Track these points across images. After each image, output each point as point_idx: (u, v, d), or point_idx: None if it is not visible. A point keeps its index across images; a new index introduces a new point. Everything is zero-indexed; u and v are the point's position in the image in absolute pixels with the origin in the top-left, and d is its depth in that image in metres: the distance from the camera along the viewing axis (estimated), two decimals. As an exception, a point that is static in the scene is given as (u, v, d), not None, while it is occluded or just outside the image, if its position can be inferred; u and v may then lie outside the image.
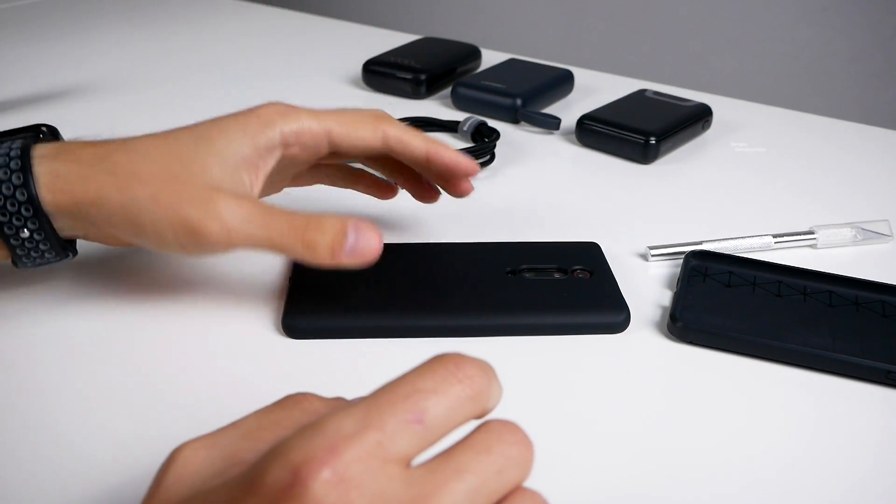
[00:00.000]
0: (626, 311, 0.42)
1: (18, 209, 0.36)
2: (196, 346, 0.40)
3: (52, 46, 0.87)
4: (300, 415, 0.26)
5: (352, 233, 0.37)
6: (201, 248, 0.37)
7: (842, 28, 1.51)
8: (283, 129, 0.40)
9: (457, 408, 0.23)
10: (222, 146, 0.39)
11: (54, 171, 0.37)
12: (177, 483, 0.24)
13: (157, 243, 0.38)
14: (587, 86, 0.76)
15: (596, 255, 0.46)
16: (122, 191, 0.37)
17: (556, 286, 0.43)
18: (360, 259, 0.37)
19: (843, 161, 0.63)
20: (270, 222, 0.37)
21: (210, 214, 0.36)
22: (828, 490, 0.33)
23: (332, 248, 0.37)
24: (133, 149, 0.38)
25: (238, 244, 0.37)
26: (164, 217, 0.37)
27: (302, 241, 0.37)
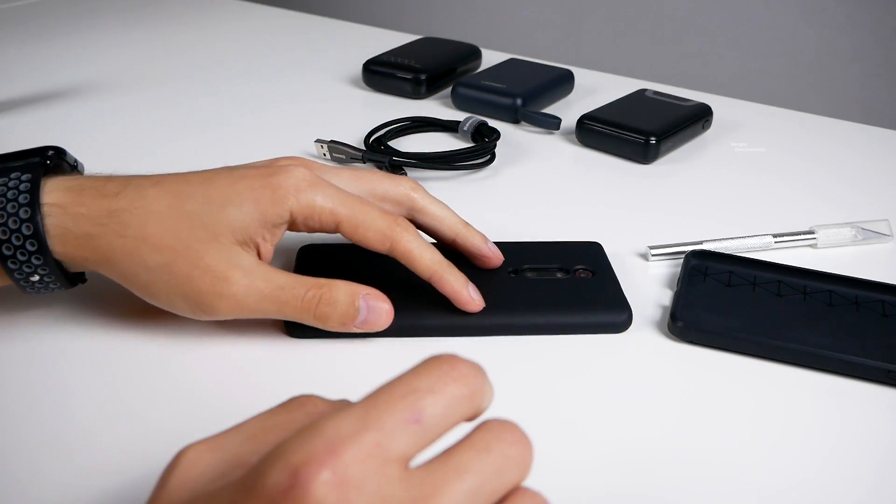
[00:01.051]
0: (629, 311, 0.42)
1: (28, 259, 0.37)
2: (200, 345, 0.40)
3: (52, 46, 0.87)
4: (304, 417, 0.26)
5: (363, 305, 0.38)
6: (211, 316, 0.38)
7: (842, 28, 1.51)
8: (293, 208, 0.38)
9: (453, 407, 0.23)
10: (233, 217, 0.38)
11: (63, 226, 0.37)
12: (180, 486, 0.24)
13: (168, 307, 0.39)
14: (587, 86, 0.76)
15: (598, 254, 0.46)
16: (132, 256, 0.37)
17: (558, 286, 0.43)
18: (369, 329, 0.39)
19: (843, 161, 0.63)
20: (282, 299, 0.38)
21: (223, 293, 0.37)
22: (828, 490, 0.33)
23: (343, 323, 0.38)
24: (142, 206, 0.37)
25: (246, 315, 0.38)
26: (176, 288, 0.37)
27: (314, 316, 0.38)
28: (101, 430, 0.35)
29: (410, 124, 0.66)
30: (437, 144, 0.64)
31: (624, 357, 0.40)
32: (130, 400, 0.37)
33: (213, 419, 0.36)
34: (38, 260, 0.37)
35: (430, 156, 0.59)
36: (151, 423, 0.35)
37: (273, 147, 0.63)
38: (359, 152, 0.59)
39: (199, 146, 0.63)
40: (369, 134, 0.63)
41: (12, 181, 0.36)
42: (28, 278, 0.37)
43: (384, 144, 0.62)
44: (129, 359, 0.39)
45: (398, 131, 0.65)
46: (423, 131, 0.67)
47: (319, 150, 0.60)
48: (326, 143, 0.60)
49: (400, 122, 0.66)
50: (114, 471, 0.33)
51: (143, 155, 0.62)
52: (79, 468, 0.33)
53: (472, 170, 0.59)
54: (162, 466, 0.26)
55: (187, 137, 0.65)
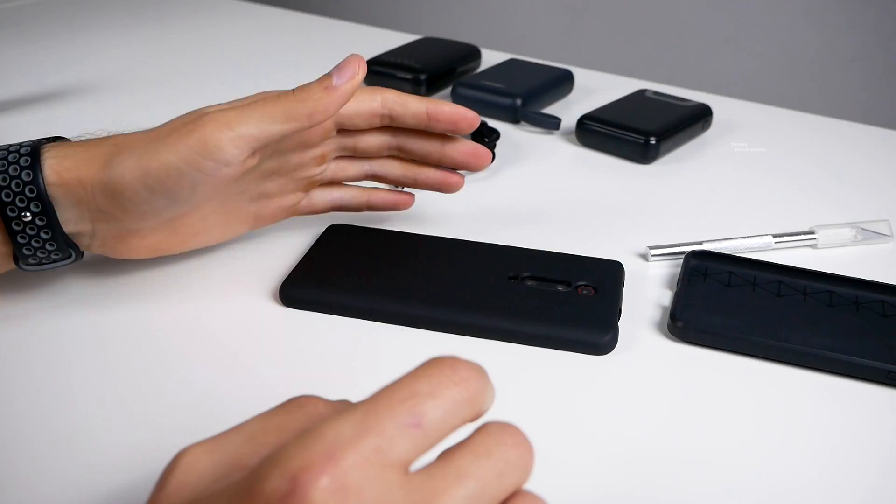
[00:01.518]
0: (613, 332, 0.40)
1: (23, 189, 0.37)
2: (198, 341, 0.40)
3: (52, 46, 0.87)
4: (304, 419, 0.26)
5: (333, 70, 0.40)
6: (209, 155, 0.38)
7: (842, 28, 1.51)
8: None
9: (454, 410, 0.23)
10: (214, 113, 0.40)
11: (62, 153, 0.38)
12: (179, 488, 0.24)
13: (165, 178, 0.38)
14: (587, 86, 0.76)
15: (611, 274, 0.44)
16: (124, 151, 0.38)
17: (551, 298, 0.42)
18: (352, 78, 0.40)
19: (843, 161, 0.63)
20: (261, 102, 0.39)
21: (204, 120, 0.38)
22: (828, 490, 0.33)
23: (325, 87, 0.40)
24: (132, 131, 0.40)
25: (242, 133, 0.38)
26: (162, 146, 0.38)
27: (296, 99, 0.39)
28: (100, 430, 0.35)
29: (410, 124, 0.66)
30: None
31: (624, 357, 0.40)
32: (129, 400, 0.37)
33: (213, 413, 0.36)
34: (31, 192, 0.37)
35: (429, 156, 0.59)
36: (151, 423, 0.35)
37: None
38: (359, 152, 0.59)
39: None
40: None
41: (14, 145, 0.38)
42: (21, 217, 0.37)
43: (384, 144, 0.62)
44: (127, 357, 0.39)
45: (398, 131, 0.65)
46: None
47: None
48: None
49: (400, 123, 0.65)
50: (113, 472, 0.33)
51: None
52: (78, 469, 0.33)
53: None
54: (161, 466, 0.26)
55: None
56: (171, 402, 0.37)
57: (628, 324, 0.43)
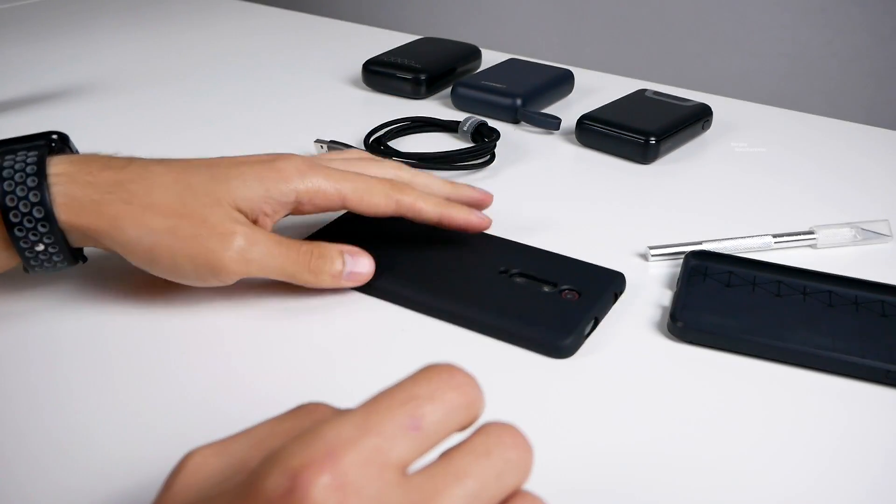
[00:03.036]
0: (574, 337, 0.40)
1: (35, 226, 0.37)
2: (199, 343, 0.40)
3: (52, 46, 0.87)
4: (311, 425, 0.26)
5: (348, 258, 0.42)
6: (218, 279, 0.40)
7: (842, 28, 1.51)
8: (299, 188, 0.41)
9: (452, 414, 0.23)
10: (237, 187, 0.40)
11: (70, 194, 0.38)
12: (185, 489, 0.24)
13: (171, 273, 0.40)
14: (587, 86, 0.76)
15: (605, 283, 0.44)
16: (136, 222, 0.38)
17: (531, 296, 0.43)
18: (356, 282, 0.43)
19: (843, 161, 0.63)
20: (284, 254, 0.41)
21: (230, 248, 0.39)
22: (828, 490, 0.33)
23: (332, 276, 0.42)
24: (148, 178, 0.39)
25: (253, 274, 0.40)
26: (181, 250, 0.39)
27: (309, 269, 0.41)
28: (105, 431, 0.35)
29: (410, 124, 0.66)
30: (436, 144, 0.64)
31: (623, 357, 0.40)
32: (134, 401, 0.37)
33: (216, 418, 0.36)
34: (44, 227, 0.37)
35: (429, 156, 0.59)
36: (156, 425, 0.35)
37: (273, 147, 0.62)
38: (358, 152, 0.59)
39: (198, 146, 0.63)
40: (369, 134, 0.63)
41: (20, 156, 0.38)
42: (33, 247, 0.38)
43: (384, 144, 0.62)
44: (132, 360, 0.39)
45: (398, 131, 0.65)
46: (422, 131, 0.67)
47: (319, 149, 0.60)
48: (326, 143, 0.60)
49: (400, 123, 0.66)
50: (118, 473, 0.33)
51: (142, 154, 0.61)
52: (83, 470, 0.33)
53: (471, 170, 0.59)
54: (167, 468, 0.26)
55: (187, 137, 0.65)
56: (176, 404, 0.37)
57: (628, 324, 0.43)
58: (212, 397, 0.37)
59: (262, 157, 0.42)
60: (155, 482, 0.32)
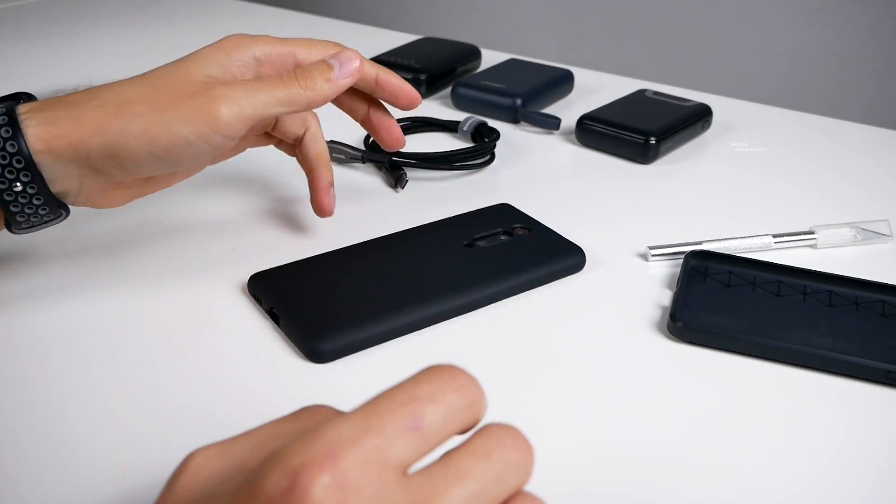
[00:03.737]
0: (580, 251, 0.47)
1: (10, 161, 0.37)
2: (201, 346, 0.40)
3: (52, 46, 0.87)
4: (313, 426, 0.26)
5: (334, 61, 0.43)
6: (221, 131, 0.39)
7: (842, 28, 1.51)
8: (255, 50, 0.43)
9: (453, 415, 0.23)
10: (202, 61, 0.41)
11: (45, 119, 0.37)
12: (187, 489, 0.24)
13: (173, 147, 0.39)
14: (587, 86, 0.76)
15: (517, 212, 0.50)
16: (118, 115, 0.38)
17: (511, 247, 0.47)
18: (351, 76, 0.43)
19: (843, 161, 0.63)
20: (269, 83, 0.41)
21: (215, 96, 0.39)
22: (828, 490, 0.33)
23: (327, 79, 0.42)
24: (114, 85, 0.40)
25: (250, 113, 0.40)
26: (173, 117, 0.38)
27: (299, 84, 0.41)
28: (110, 430, 0.35)
29: (410, 124, 0.66)
30: (436, 144, 0.64)
31: (623, 357, 0.40)
32: (136, 402, 0.37)
33: (215, 421, 0.36)
34: (19, 163, 0.37)
35: (429, 156, 0.59)
36: (156, 427, 0.35)
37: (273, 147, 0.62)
38: (358, 152, 0.59)
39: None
40: (369, 134, 0.63)
41: None
42: (11, 188, 0.37)
43: (384, 144, 0.62)
44: (136, 358, 0.39)
45: (398, 131, 0.65)
46: (422, 131, 0.67)
47: (319, 150, 0.60)
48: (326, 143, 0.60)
49: (400, 122, 0.65)
50: (118, 474, 0.33)
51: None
52: (83, 471, 0.33)
53: (471, 170, 0.59)
54: (168, 471, 0.26)
55: (187, 137, 0.65)
56: (176, 406, 0.37)
57: (628, 324, 0.43)
58: (211, 400, 0.37)
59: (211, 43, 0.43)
60: (155, 484, 0.32)
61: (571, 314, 0.43)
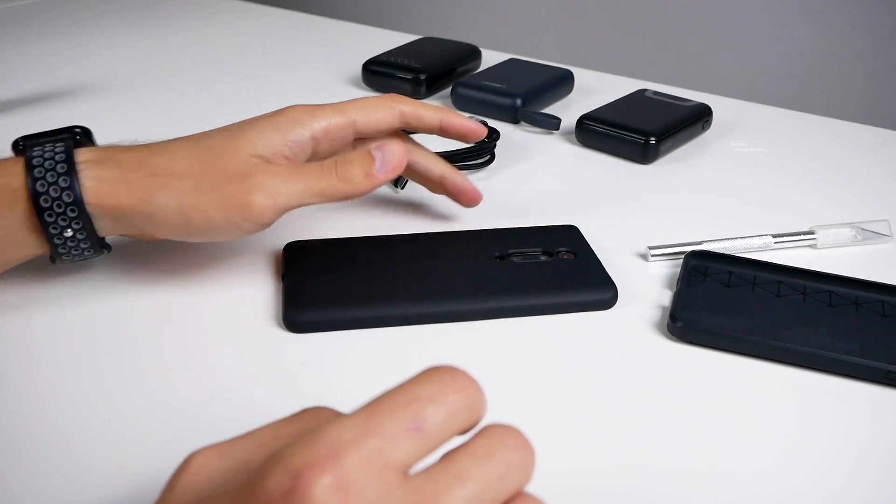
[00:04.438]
0: (614, 288, 0.44)
1: (64, 210, 0.38)
2: (202, 346, 0.40)
3: (52, 46, 0.87)
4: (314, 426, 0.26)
5: (377, 153, 0.42)
6: (251, 222, 0.40)
7: (842, 28, 1.51)
8: (314, 127, 0.43)
9: (454, 416, 0.23)
10: (254, 138, 0.41)
11: (99, 177, 0.39)
12: (188, 489, 0.24)
13: (206, 229, 0.40)
14: (587, 86, 0.76)
15: (576, 237, 0.48)
16: (164, 189, 0.39)
17: (543, 268, 0.45)
18: (393, 171, 0.42)
19: (843, 161, 0.63)
20: (304, 172, 0.41)
21: (252, 186, 0.39)
22: (827, 490, 0.33)
23: (367, 173, 0.41)
24: (169, 150, 0.41)
25: (283, 204, 0.40)
26: (208, 201, 0.39)
27: (338, 177, 0.41)
28: (109, 433, 0.35)
29: (410, 124, 0.66)
30: (437, 144, 0.64)
31: (623, 357, 0.40)
32: (136, 402, 0.37)
33: (212, 423, 0.36)
34: (73, 212, 0.38)
35: (429, 156, 0.59)
36: (159, 425, 0.35)
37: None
38: (359, 152, 0.59)
39: (198, 146, 0.63)
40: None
41: (48, 147, 0.39)
42: (62, 233, 0.39)
43: (384, 144, 0.62)
44: (134, 360, 0.39)
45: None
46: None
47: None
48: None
49: (400, 123, 0.66)
50: (119, 475, 0.33)
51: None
52: (83, 473, 0.33)
53: (471, 170, 0.59)
54: (168, 471, 0.26)
55: (187, 137, 0.65)
56: (176, 409, 0.37)
57: (628, 324, 0.43)
58: (210, 403, 0.37)
59: (271, 112, 0.44)
60: (154, 485, 0.32)
61: (571, 314, 0.43)
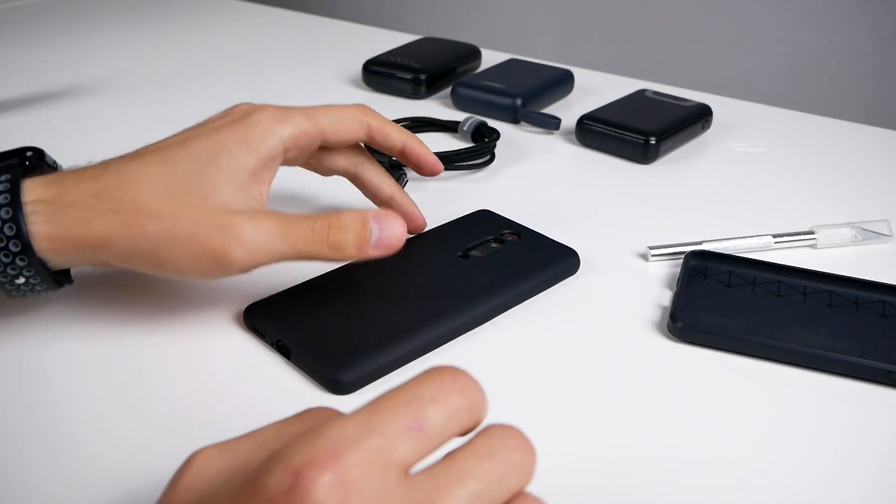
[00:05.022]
0: (573, 252, 0.46)
1: (13, 260, 0.35)
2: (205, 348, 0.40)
3: (52, 46, 0.87)
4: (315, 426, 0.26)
5: (374, 225, 0.38)
6: (225, 273, 0.37)
7: (842, 28, 1.51)
8: (283, 136, 0.40)
9: (454, 417, 0.23)
10: (227, 163, 0.38)
11: (51, 219, 0.35)
12: (190, 488, 0.24)
13: (176, 274, 0.37)
14: (587, 86, 0.76)
15: (500, 218, 0.50)
16: (131, 229, 0.36)
17: (504, 255, 0.46)
18: (386, 250, 0.38)
19: (843, 161, 0.63)
20: (293, 233, 0.37)
21: (232, 240, 0.36)
22: (827, 490, 0.33)
23: (359, 245, 0.38)
24: (132, 180, 0.36)
25: (263, 262, 0.37)
26: (183, 251, 0.36)
27: (328, 244, 0.37)
28: (103, 435, 0.35)
29: (410, 124, 0.66)
30: (436, 144, 0.64)
31: (623, 357, 0.40)
32: (140, 407, 0.37)
33: (215, 419, 0.36)
34: (22, 261, 0.35)
35: (430, 156, 0.59)
36: (162, 430, 0.35)
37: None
38: (359, 152, 0.59)
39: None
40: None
41: None
42: (13, 281, 0.36)
43: (384, 144, 0.62)
44: (136, 366, 0.39)
45: (398, 131, 0.65)
46: (422, 131, 0.67)
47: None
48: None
49: (400, 122, 0.66)
50: (120, 476, 0.33)
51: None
52: (85, 473, 0.33)
53: (471, 170, 0.59)
54: (170, 472, 0.26)
55: (187, 137, 0.65)
56: (175, 411, 0.37)
57: (628, 324, 0.43)
58: (211, 404, 0.37)
59: (232, 118, 0.40)
60: (156, 485, 0.32)
61: (571, 315, 0.43)
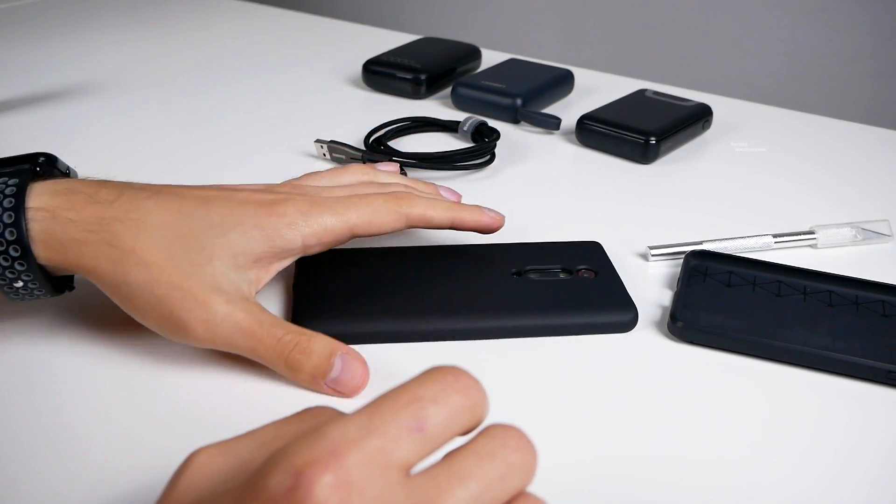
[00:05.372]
0: (634, 311, 0.42)
1: (12, 264, 0.35)
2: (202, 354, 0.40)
3: (52, 46, 0.87)
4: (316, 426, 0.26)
5: (338, 362, 0.36)
6: (184, 341, 0.37)
7: (842, 28, 1.51)
8: (304, 232, 0.38)
9: (455, 417, 0.23)
10: (236, 241, 0.37)
11: (50, 232, 0.35)
12: (190, 488, 0.24)
13: (143, 322, 0.37)
14: (587, 86, 0.76)
15: (599, 254, 0.46)
16: (116, 267, 0.36)
17: (562, 286, 0.43)
18: (339, 393, 0.37)
19: (843, 161, 0.63)
20: (258, 336, 0.36)
21: (200, 316, 0.35)
22: (828, 490, 0.33)
23: (314, 375, 0.36)
24: (137, 220, 0.36)
25: (221, 348, 0.37)
26: (153, 307, 0.36)
27: (286, 361, 0.36)
28: (104, 434, 0.35)
29: (410, 124, 0.66)
30: (437, 144, 0.64)
31: (624, 357, 0.40)
32: (139, 402, 0.37)
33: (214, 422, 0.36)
34: (21, 266, 0.35)
35: (429, 156, 0.59)
36: (163, 428, 0.35)
37: (273, 147, 0.63)
38: (359, 152, 0.59)
39: (199, 147, 0.63)
40: (369, 134, 0.63)
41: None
42: (11, 284, 0.36)
43: (384, 144, 0.62)
44: (139, 363, 0.39)
45: (398, 131, 0.65)
46: (422, 131, 0.67)
47: (319, 150, 0.60)
48: (326, 144, 0.60)
49: (400, 123, 0.66)
50: (121, 475, 0.33)
51: (142, 155, 0.61)
52: (85, 471, 0.33)
53: (472, 170, 0.59)
54: (170, 471, 0.26)
55: (187, 138, 0.65)
56: (175, 411, 0.37)
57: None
58: (212, 403, 0.37)
59: (261, 197, 0.39)
60: (156, 484, 0.32)
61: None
